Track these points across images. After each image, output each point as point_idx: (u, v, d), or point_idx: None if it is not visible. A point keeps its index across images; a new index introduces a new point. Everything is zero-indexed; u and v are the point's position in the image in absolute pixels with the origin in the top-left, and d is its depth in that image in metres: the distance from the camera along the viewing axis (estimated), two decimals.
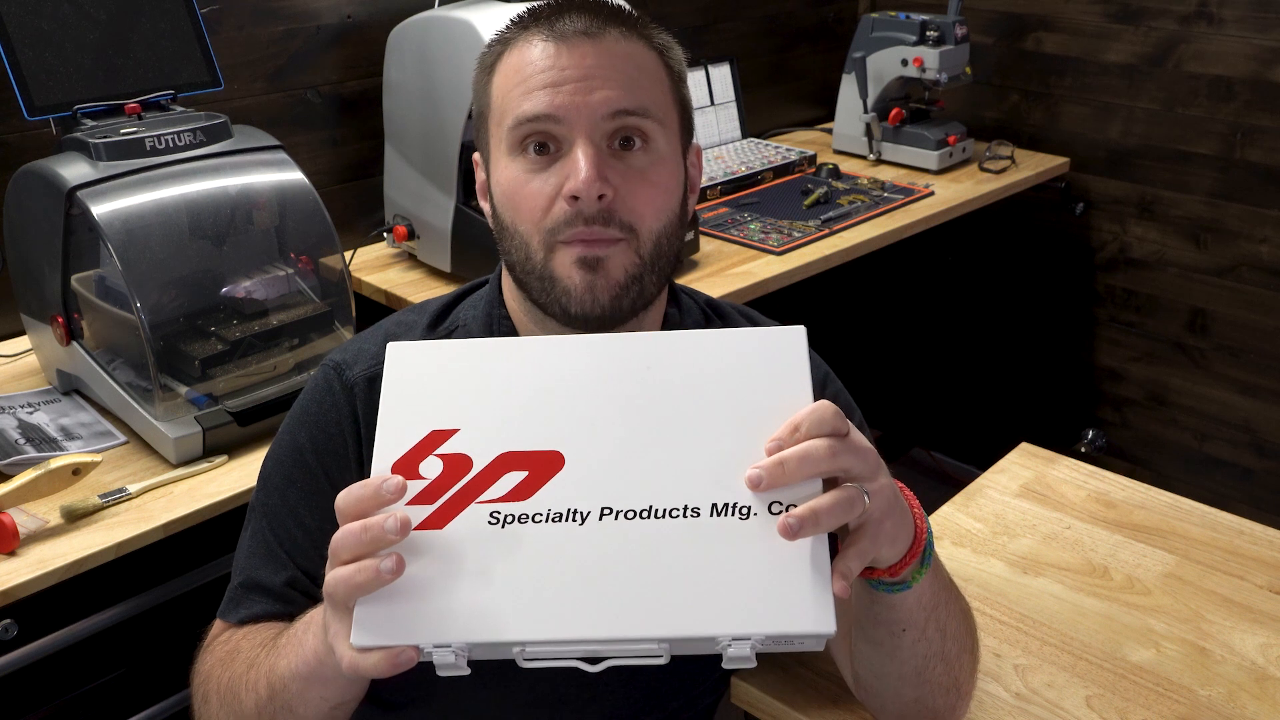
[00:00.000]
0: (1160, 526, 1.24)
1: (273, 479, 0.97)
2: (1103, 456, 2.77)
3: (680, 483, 0.73)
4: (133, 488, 1.32)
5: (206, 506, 1.31)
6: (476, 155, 0.99)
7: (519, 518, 0.72)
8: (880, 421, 2.98)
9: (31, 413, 1.47)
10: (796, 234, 2.10)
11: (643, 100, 0.90)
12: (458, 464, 0.74)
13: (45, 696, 1.30)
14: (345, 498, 0.72)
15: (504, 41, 0.94)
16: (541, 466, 0.74)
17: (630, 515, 0.72)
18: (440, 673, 0.70)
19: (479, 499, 0.73)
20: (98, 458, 1.30)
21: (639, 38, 0.92)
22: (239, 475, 1.36)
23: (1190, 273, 2.56)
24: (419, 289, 1.87)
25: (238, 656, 0.91)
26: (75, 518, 1.26)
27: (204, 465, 1.37)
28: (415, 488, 0.73)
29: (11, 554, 1.20)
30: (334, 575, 0.70)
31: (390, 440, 0.75)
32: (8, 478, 1.28)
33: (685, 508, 0.72)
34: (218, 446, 1.40)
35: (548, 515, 0.72)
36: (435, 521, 0.72)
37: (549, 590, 0.70)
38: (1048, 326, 2.83)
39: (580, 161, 0.87)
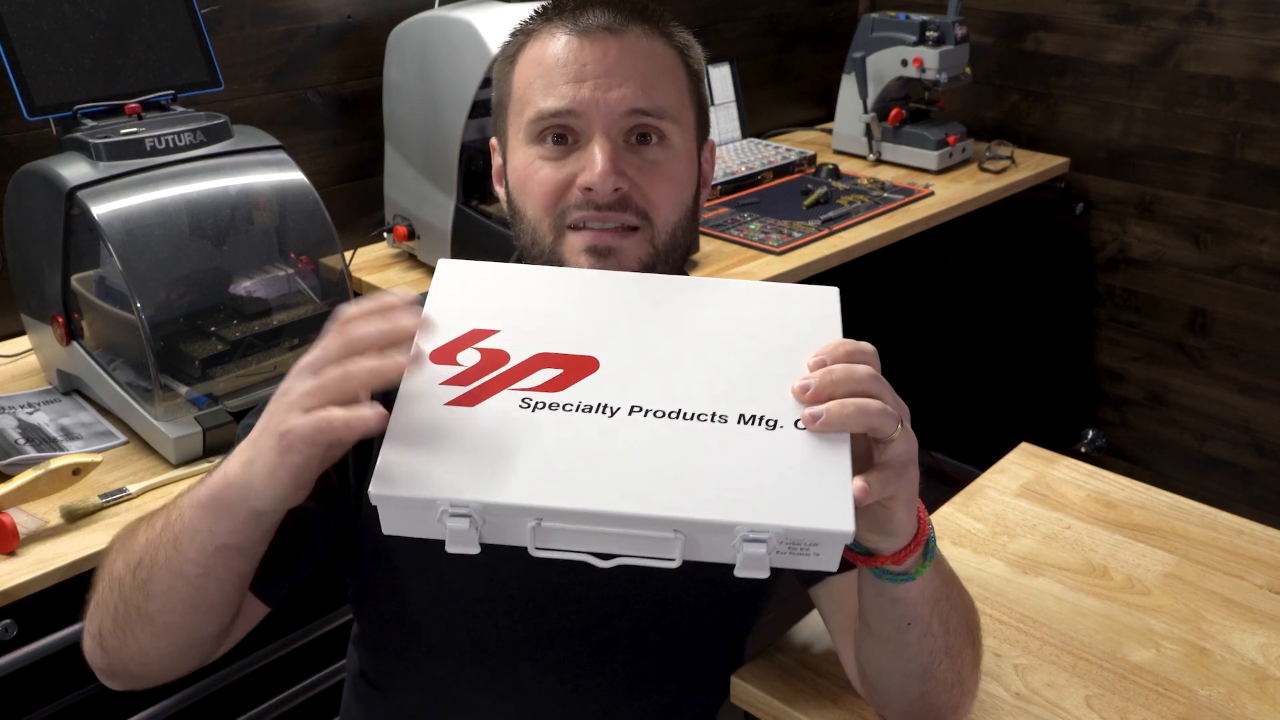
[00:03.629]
0: (1160, 526, 1.24)
1: None
2: (1103, 456, 2.77)
3: (711, 394, 0.75)
4: (133, 488, 1.32)
5: None
6: (494, 140, 1.00)
7: (549, 405, 0.74)
8: None
9: (31, 413, 1.47)
10: (796, 234, 2.10)
11: (659, 101, 0.91)
12: (495, 357, 0.77)
13: (45, 697, 1.30)
14: (353, 310, 0.74)
15: (527, 32, 0.95)
16: (576, 367, 0.76)
17: (659, 414, 0.74)
18: (450, 547, 0.70)
19: (512, 386, 0.75)
20: (98, 458, 1.31)
21: (660, 35, 0.94)
22: None
23: (1190, 273, 2.56)
24: (419, 289, 1.86)
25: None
26: (75, 518, 1.26)
27: (204, 465, 1.37)
28: (450, 372, 0.75)
29: (11, 554, 1.20)
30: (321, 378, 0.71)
31: (431, 334, 0.78)
32: (8, 478, 1.28)
33: (714, 414, 0.74)
34: (218, 446, 1.40)
35: (578, 406, 0.74)
36: (468, 400, 0.74)
37: (570, 466, 0.71)
38: (1048, 326, 2.83)
39: (596, 155, 0.89)
